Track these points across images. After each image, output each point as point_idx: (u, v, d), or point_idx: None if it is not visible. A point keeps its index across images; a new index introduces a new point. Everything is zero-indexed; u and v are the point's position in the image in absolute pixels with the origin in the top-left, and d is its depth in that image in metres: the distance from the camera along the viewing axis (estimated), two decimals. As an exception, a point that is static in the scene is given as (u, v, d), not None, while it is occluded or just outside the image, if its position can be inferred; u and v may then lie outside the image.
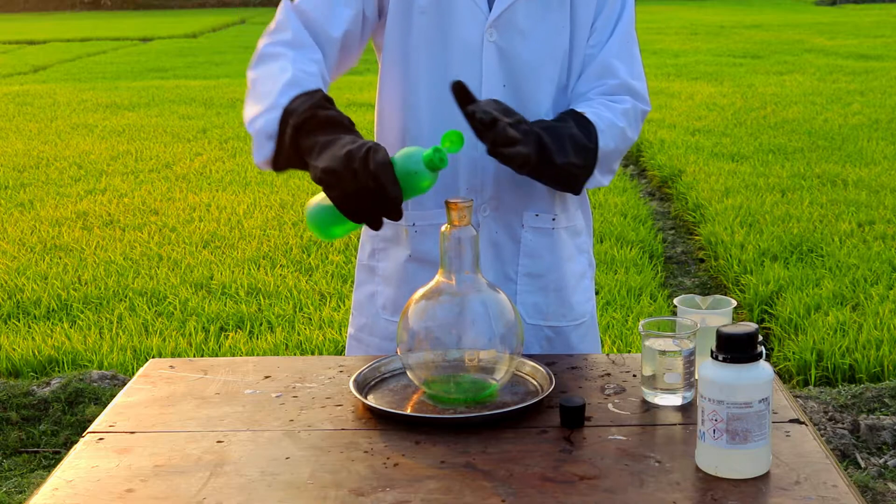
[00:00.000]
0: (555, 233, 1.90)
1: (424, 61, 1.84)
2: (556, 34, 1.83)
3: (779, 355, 4.24)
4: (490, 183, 1.85)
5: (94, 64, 17.29)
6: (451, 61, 1.83)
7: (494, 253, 1.89)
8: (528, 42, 1.82)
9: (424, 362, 1.59)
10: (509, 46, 1.82)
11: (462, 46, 1.82)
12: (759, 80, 12.10)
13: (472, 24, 1.81)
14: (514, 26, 1.81)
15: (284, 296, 4.95)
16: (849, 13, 24.11)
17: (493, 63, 1.81)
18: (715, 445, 1.36)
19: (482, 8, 1.81)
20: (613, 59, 1.86)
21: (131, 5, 37.62)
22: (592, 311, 2.01)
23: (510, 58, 1.82)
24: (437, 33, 1.82)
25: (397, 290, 1.93)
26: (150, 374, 1.80)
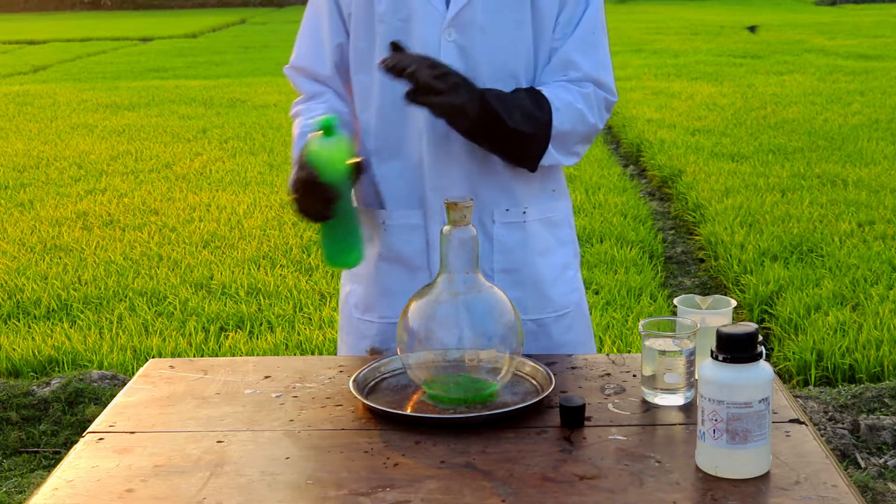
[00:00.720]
0: (527, 226, 1.91)
1: None
2: (515, 29, 1.83)
3: (779, 355, 4.24)
4: (456, 182, 1.86)
5: (94, 64, 17.29)
6: None
7: None
8: (487, 39, 1.82)
9: (424, 362, 1.59)
10: (468, 44, 1.82)
11: (421, 48, 1.82)
12: (759, 80, 12.10)
13: (429, 24, 1.82)
14: (472, 24, 1.82)
15: (284, 296, 4.95)
16: (849, 13, 24.11)
17: (451, 62, 1.81)
18: (715, 445, 1.36)
19: (439, 8, 1.82)
20: (575, 52, 1.86)
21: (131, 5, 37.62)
22: (579, 302, 2.00)
23: (470, 56, 1.82)
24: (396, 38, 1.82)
25: (368, 289, 1.96)
26: (150, 374, 1.80)
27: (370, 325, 1.96)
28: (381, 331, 1.95)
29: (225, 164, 8.19)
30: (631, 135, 8.96)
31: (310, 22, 1.97)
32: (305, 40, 1.98)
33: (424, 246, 1.90)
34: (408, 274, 1.91)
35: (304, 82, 1.99)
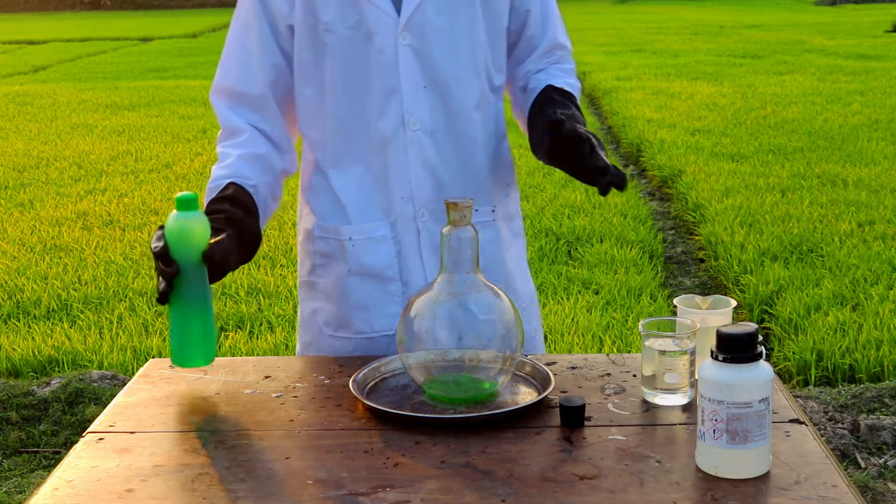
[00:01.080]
0: (496, 224, 1.93)
1: (338, 79, 1.82)
2: (470, 25, 1.83)
3: (779, 355, 4.24)
4: (424, 188, 1.84)
5: (94, 64, 17.29)
6: (367, 73, 1.81)
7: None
8: (443, 39, 1.81)
9: (424, 362, 1.59)
10: (425, 47, 1.80)
11: (376, 55, 1.80)
12: (759, 80, 12.10)
13: (383, 31, 1.79)
14: (426, 26, 1.80)
15: (284, 296, 4.95)
16: (849, 13, 24.11)
17: (410, 66, 1.80)
18: (715, 445, 1.36)
19: (390, 14, 1.79)
20: (558, 35, 1.97)
21: (131, 5, 37.62)
22: (532, 294, 2.04)
23: (427, 58, 1.81)
24: (347, 48, 1.80)
25: (338, 305, 1.91)
26: (150, 374, 1.80)
27: (346, 342, 1.92)
28: (357, 346, 1.91)
29: (225, 164, 8.18)
30: (631, 135, 8.96)
31: (237, 39, 1.87)
32: (232, 58, 1.88)
33: (394, 257, 1.87)
34: (380, 287, 1.88)
35: (226, 112, 1.87)
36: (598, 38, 18.47)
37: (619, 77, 12.67)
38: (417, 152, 1.83)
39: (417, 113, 1.82)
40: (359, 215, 1.87)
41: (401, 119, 1.82)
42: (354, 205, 1.87)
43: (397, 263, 1.87)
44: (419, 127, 1.83)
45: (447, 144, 1.85)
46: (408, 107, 1.82)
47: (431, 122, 1.83)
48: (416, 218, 1.86)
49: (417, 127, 1.82)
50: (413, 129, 1.82)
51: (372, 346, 1.91)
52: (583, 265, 5.34)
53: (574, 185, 6.96)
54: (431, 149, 1.84)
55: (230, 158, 1.83)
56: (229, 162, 1.83)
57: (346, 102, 1.83)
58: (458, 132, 1.85)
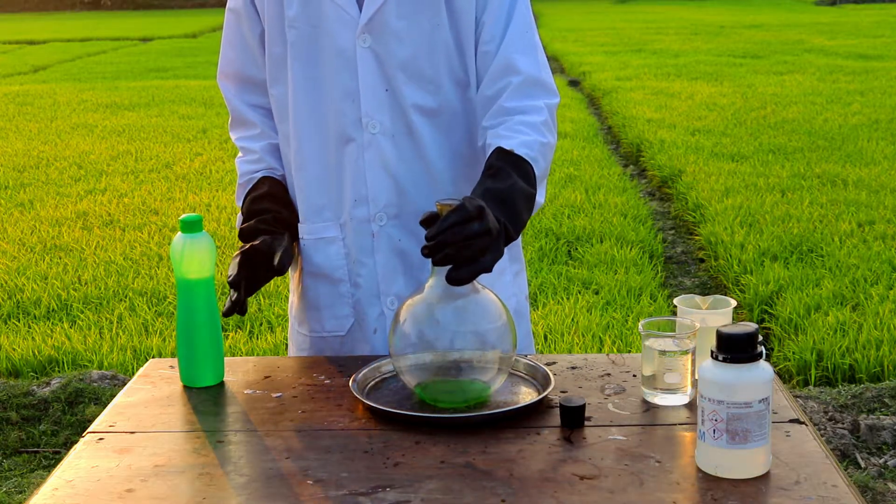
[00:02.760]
0: None
1: (299, 77, 1.82)
2: (432, 33, 1.78)
3: (779, 355, 4.24)
4: (381, 192, 1.82)
5: (94, 64, 17.29)
6: (326, 72, 1.80)
7: (402, 261, 1.84)
8: (403, 43, 1.78)
9: (417, 366, 1.59)
10: (384, 50, 1.78)
11: (336, 55, 1.79)
12: (759, 80, 12.10)
13: (343, 31, 1.78)
14: (386, 28, 1.77)
15: (284, 296, 4.95)
16: (849, 13, 24.11)
17: (369, 68, 1.78)
18: (715, 445, 1.36)
19: (352, 14, 1.77)
20: (514, 54, 1.77)
21: (131, 5, 37.62)
22: (517, 309, 1.91)
23: (387, 61, 1.78)
24: (309, 46, 1.80)
25: (300, 301, 1.95)
26: (150, 374, 1.80)
27: (304, 339, 1.95)
28: (312, 344, 1.93)
29: (225, 164, 8.19)
30: (631, 135, 8.96)
31: (233, 28, 1.90)
32: (233, 45, 1.91)
33: (343, 259, 1.87)
34: (330, 288, 1.88)
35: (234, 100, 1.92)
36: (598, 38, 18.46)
37: (619, 77, 12.67)
38: (376, 155, 1.81)
39: (377, 116, 1.80)
40: (311, 215, 1.87)
41: (359, 121, 1.80)
42: (307, 204, 1.87)
43: (346, 265, 1.87)
44: (378, 130, 1.80)
45: (408, 148, 1.81)
46: (366, 109, 1.79)
47: (391, 126, 1.80)
48: (372, 221, 1.83)
49: (377, 130, 1.80)
50: (372, 132, 1.80)
51: (325, 345, 1.92)
52: (583, 265, 5.34)
53: (574, 185, 6.96)
54: (391, 152, 1.81)
55: (255, 153, 1.92)
56: (256, 157, 1.92)
57: (305, 101, 1.82)
58: (419, 138, 1.81)
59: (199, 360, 1.71)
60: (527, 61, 1.78)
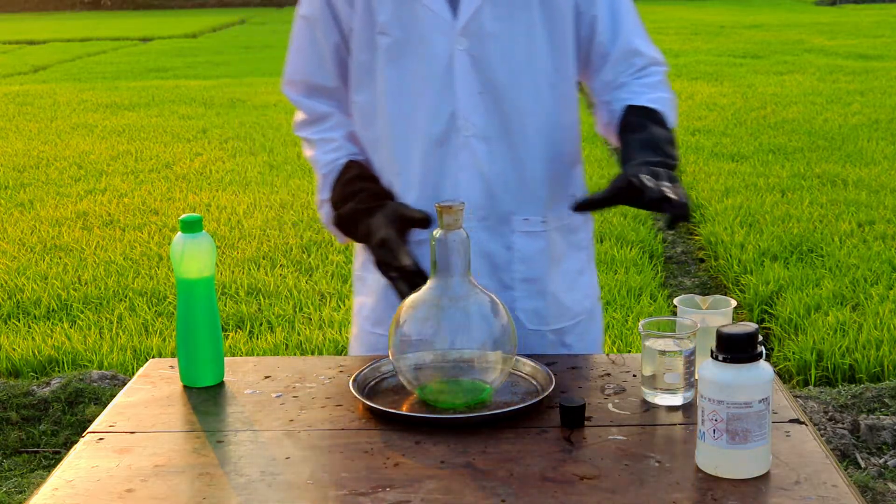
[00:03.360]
0: (546, 234, 1.87)
1: (392, 81, 1.82)
2: (528, 31, 1.79)
3: (779, 355, 4.24)
4: (472, 193, 1.82)
5: (94, 64, 17.29)
6: (420, 76, 1.80)
7: (487, 262, 1.85)
8: (500, 45, 1.78)
9: (417, 367, 1.59)
10: (481, 52, 1.78)
11: (430, 59, 1.79)
12: (759, 80, 12.10)
13: (438, 35, 1.78)
14: (483, 31, 1.78)
15: (284, 296, 4.95)
16: (849, 13, 24.10)
17: (465, 72, 1.79)
18: (715, 445, 1.36)
19: (446, 18, 1.78)
20: (634, 39, 1.87)
21: (131, 5, 37.62)
22: (592, 309, 1.97)
23: (483, 64, 1.79)
24: (401, 50, 1.80)
25: (378, 302, 1.92)
26: (150, 374, 1.80)
27: (382, 339, 1.91)
28: None
29: (225, 164, 8.19)
30: (631, 135, 8.94)
31: (304, 35, 1.90)
32: (303, 52, 1.91)
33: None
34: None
35: (307, 105, 1.93)
36: (598, 38, 18.43)
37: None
38: (469, 157, 1.82)
39: (472, 118, 1.80)
40: None
41: (453, 123, 1.81)
42: None
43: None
44: (472, 132, 1.81)
45: (501, 151, 1.82)
46: (461, 111, 1.80)
47: (485, 128, 1.81)
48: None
49: (470, 132, 1.81)
50: (466, 134, 1.81)
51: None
52: (583, 265, 5.33)
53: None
54: (484, 155, 1.82)
55: (335, 142, 1.90)
56: (337, 145, 1.90)
57: (398, 105, 1.83)
58: (513, 139, 1.82)
59: (199, 360, 1.71)
60: (644, 44, 1.89)
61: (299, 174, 7.72)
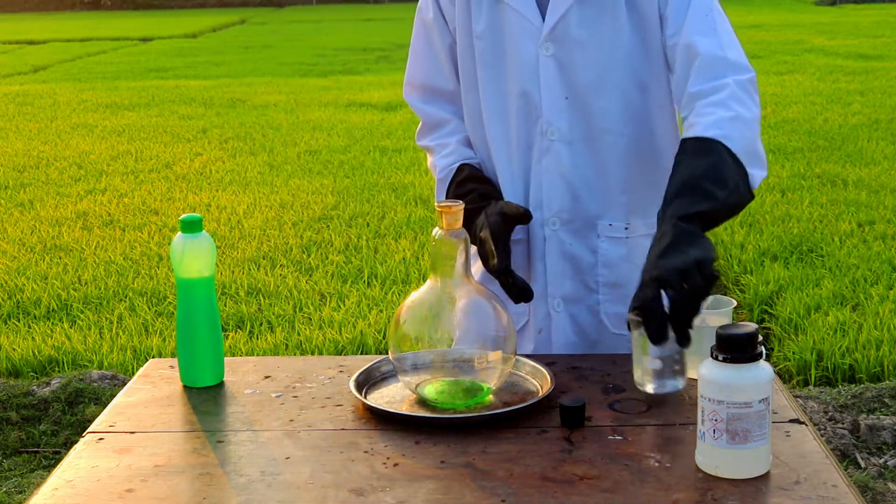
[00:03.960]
0: (630, 241, 1.86)
1: (487, 85, 1.86)
2: (614, 37, 1.78)
3: (779, 355, 4.24)
4: (555, 197, 1.84)
5: (94, 64, 17.29)
6: (513, 79, 1.83)
7: (571, 264, 1.87)
8: (586, 50, 1.79)
9: (416, 367, 1.59)
10: (567, 58, 1.80)
11: (519, 64, 1.82)
12: (759, 80, 12.06)
13: (526, 40, 1.81)
14: (569, 36, 1.79)
15: (284, 296, 4.95)
16: (849, 13, 24.10)
17: (551, 76, 1.80)
18: (715, 445, 1.36)
19: (535, 23, 1.80)
20: (693, 36, 1.73)
21: (131, 5, 37.62)
22: None
23: (569, 69, 1.80)
24: (496, 55, 1.84)
25: None
26: (150, 374, 1.80)
27: None
28: None
29: (225, 164, 8.19)
30: (631, 135, 8.95)
31: (422, 38, 1.94)
32: (421, 56, 1.95)
33: (527, 259, 1.89)
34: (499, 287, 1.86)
35: (422, 106, 1.96)
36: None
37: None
38: (553, 161, 1.83)
39: (556, 123, 1.82)
40: None
41: (539, 128, 1.83)
42: None
43: (528, 265, 1.89)
44: (557, 137, 1.82)
45: (584, 156, 1.83)
46: (547, 116, 1.82)
47: (570, 133, 1.82)
48: (545, 225, 1.86)
49: (555, 136, 1.82)
50: (551, 139, 1.82)
51: None
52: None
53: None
54: (568, 159, 1.83)
55: (450, 146, 1.93)
56: (451, 149, 1.93)
57: (494, 108, 1.86)
58: (598, 145, 1.82)
59: (199, 360, 1.71)
60: (706, 42, 1.73)
61: (299, 174, 7.72)
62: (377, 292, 4.94)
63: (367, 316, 4.60)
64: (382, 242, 5.78)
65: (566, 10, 1.78)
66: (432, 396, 1.59)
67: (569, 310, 1.89)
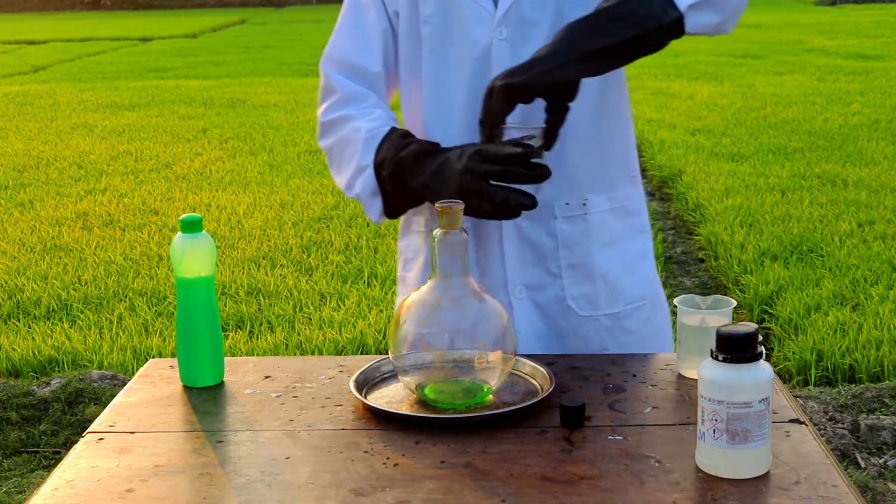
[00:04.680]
0: (588, 217, 1.83)
1: (432, 71, 1.82)
2: (568, 14, 1.75)
3: (779, 355, 4.24)
4: None
5: (94, 64, 17.29)
6: (462, 66, 1.80)
7: (532, 251, 1.83)
8: (538, 32, 1.77)
9: (416, 367, 1.59)
10: (521, 41, 1.77)
11: (471, 50, 1.79)
12: (759, 80, 12.10)
13: (479, 25, 1.78)
14: (523, 18, 1.77)
15: (284, 296, 4.95)
16: (849, 13, 24.10)
17: (504, 62, 1.76)
18: (715, 445, 1.36)
19: (488, 8, 1.78)
20: None
21: (131, 5, 37.62)
22: (655, 294, 1.92)
23: (523, 50, 1.76)
24: (444, 42, 1.80)
25: None
26: (150, 374, 1.80)
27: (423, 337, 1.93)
28: None
29: (225, 164, 8.19)
30: (631, 135, 8.95)
31: (352, 15, 1.88)
32: (348, 33, 1.88)
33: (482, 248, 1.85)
34: None
35: (344, 83, 1.87)
36: (598, 38, 18.43)
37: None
38: None
39: None
40: None
41: None
42: None
43: (474, 253, 1.84)
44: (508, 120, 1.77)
45: None
46: None
47: (521, 115, 1.76)
48: None
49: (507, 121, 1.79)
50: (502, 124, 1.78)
51: None
52: (583, 265, 5.33)
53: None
54: None
55: (376, 113, 1.83)
56: (377, 115, 1.82)
57: (436, 95, 1.82)
58: None
59: (199, 360, 1.71)
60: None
61: (299, 174, 7.72)
62: (377, 292, 4.94)
63: (367, 316, 4.60)
64: (382, 242, 5.78)
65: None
66: (432, 396, 1.59)
67: (533, 298, 1.85)
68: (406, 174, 1.73)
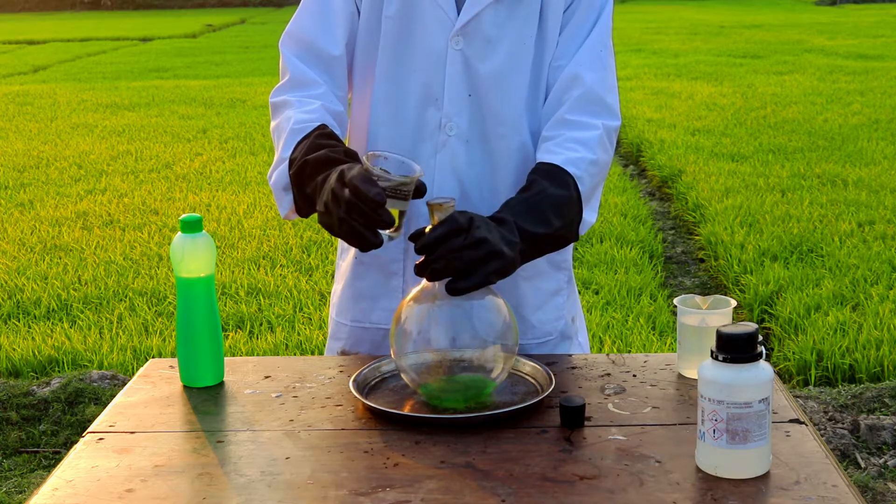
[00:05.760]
0: None
1: (386, 68, 1.81)
2: (521, 44, 1.79)
3: (779, 355, 4.24)
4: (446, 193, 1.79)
5: (94, 64, 17.29)
6: (416, 68, 1.80)
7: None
8: (493, 51, 1.78)
9: (418, 365, 1.59)
10: (474, 55, 1.78)
11: (427, 54, 1.79)
12: (759, 80, 12.10)
13: (438, 31, 1.78)
14: (480, 34, 1.78)
15: (284, 296, 4.95)
16: (849, 13, 24.10)
17: (457, 71, 1.78)
18: (715, 445, 1.36)
19: (450, 15, 1.78)
20: (581, 67, 1.78)
21: (131, 5, 37.62)
22: (564, 330, 1.93)
23: (475, 67, 1.78)
24: (402, 40, 1.80)
25: (343, 291, 1.93)
26: (150, 374, 1.80)
27: (342, 328, 1.94)
28: (351, 334, 1.93)
29: (225, 164, 8.19)
30: (631, 135, 8.96)
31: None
32: (311, 13, 1.85)
33: (402, 253, 1.85)
34: (382, 279, 1.87)
35: (296, 66, 1.84)
36: (598, 38, 18.42)
37: (619, 77, 12.56)
38: (448, 158, 1.80)
39: (456, 119, 1.79)
40: None
41: (438, 122, 1.80)
42: None
43: (403, 259, 1.85)
44: (455, 133, 1.80)
45: (479, 155, 1.81)
46: (448, 111, 1.79)
47: (468, 131, 1.80)
48: None
49: (453, 133, 1.80)
50: (448, 134, 1.80)
51: (365, 336, 1.91)
52: (583, 265, 5.34)
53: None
54: (463, 157, 1.80)
55: (314, 105, 1.79)
56: (316, 106, 1.78)
57: (388, 95, 1.82)
58: (493, 146, 1.81)
59: (199, 360, 1.71)
60: (593, 76, 1.78)
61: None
62: (377, 292, 4.94)
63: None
64: (382, 242, 5.78)
65: (483, 8, 1.76)
66: (434, 395, 1.59)
67: None
68: (304, 179, 1.70)
